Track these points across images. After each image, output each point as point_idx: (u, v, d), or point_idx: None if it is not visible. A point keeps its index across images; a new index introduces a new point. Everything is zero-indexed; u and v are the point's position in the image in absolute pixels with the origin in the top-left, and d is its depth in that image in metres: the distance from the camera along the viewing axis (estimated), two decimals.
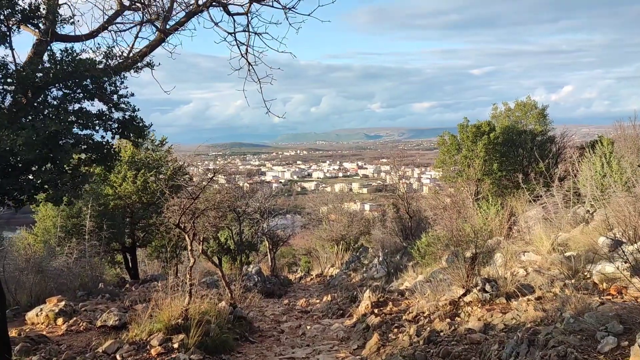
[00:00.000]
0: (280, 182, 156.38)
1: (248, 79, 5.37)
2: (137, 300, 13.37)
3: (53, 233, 17.54)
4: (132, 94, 5.84)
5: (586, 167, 15.09)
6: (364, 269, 22.77)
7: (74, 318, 9.27)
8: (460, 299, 8.78)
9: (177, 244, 23.39)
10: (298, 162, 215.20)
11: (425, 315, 8.80)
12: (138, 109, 5.88)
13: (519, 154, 19.55)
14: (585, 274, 9.48)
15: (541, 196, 14.80)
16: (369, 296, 11.18)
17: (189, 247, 7.84)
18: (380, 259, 20.68)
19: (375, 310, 10.22)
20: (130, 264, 21.19)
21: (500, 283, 8.78)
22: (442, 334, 7.13)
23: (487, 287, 8.73)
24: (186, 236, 7.81)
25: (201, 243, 8.58)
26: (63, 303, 9.56)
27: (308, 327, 10.12)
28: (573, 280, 8.97)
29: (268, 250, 25.48)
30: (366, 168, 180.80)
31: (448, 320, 8.18)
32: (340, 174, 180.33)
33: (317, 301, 15.28)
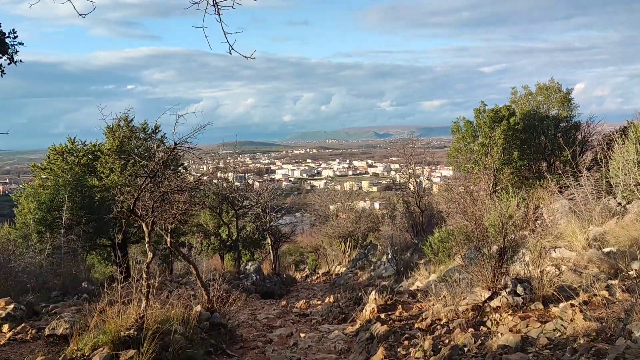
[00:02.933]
0: (290, 180, 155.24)
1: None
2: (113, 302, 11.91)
3: (33, 227, 16.15)
4: None
5: (618, 155, 13.40)
6: (372, 267, 21.22)
7: (23, 324, 7.77)
8: (486, 304, 7.18)
9: (174, 238, 21.96)
10: (307, 160, 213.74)
11: (442, 323, 7.20)
12: None
13: (541, 141, 17.83)
14: (631, 272, 7.90)
15: (568, 187, 13.21)
16: (375, 298, 9.61)
17: (147, 239, 6.31)
18: (389, 256, 19.10)
19: (382, 316, 8.64)
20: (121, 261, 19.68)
21: (534, 284, 7.18)
22: (466, 350, 5.53)
23: (519, 289, 7.12)
24: (143, 225, 6.27)
25: (169, 235, 7.06)
26: (12, 306, 8.10)
27: (302, 336, 8.56)
28: (617, 281, 7.38)
29: (270, 247, 23.99)
30: (376, 166, 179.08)
31: (472, 330, 6.59)
32: (350, 173, 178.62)
33: (319, 303, 13.74)
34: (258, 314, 11.66)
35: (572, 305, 6.61)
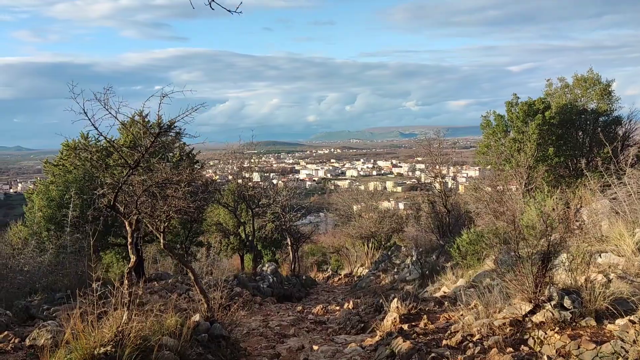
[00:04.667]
0: (314, 180, 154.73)
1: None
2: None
3: (43, 225, 15.61)
4: None
5: None
6: (395, 270, 20.19)
7: (5, 333, 7.03)
8: (527, 318, 6.16)
9: (188, 238, 21.30)
10: (332, 160, 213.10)
11: (474, 339, 6.19)
12: None
13: (579, 137, 16.55)
14: None
15: (609, 186, 12.02)
16: (397, 307, 8.63)
17: (129, 239, 5.47)
18: (414, 258, 18.07)
19: (405, 327, 7.66)
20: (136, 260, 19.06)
21: (584, 296, 6.12)
22: None
23: (567, 302, 6.08)
24: (126, 224, 5.44)
25: (162, 234, 6.22)
26: None
27: (315, 349, 7.64)
28: None
29: (290, 247, 23.14)
30: (400, 166, 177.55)
31: (511, 351, 5.58)
32: (374, 173, 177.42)
33: (337, 308, 12.80)
34: (271, 321, 10.80)
35: (633, 322, 5.56)
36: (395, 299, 8.84)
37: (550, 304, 6.13)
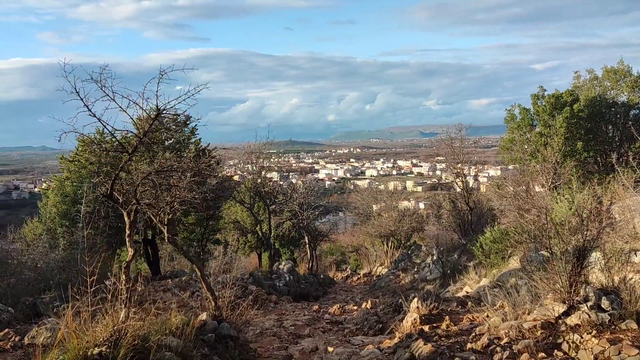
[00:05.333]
0: (333, 179, 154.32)
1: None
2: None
3: (57, 222, 15.46)
4: None
5: None
6: (415, 269, 19.64)
7: (6, 330, 6.74)
8: (561, 320, 5.63)
9: (204, 236, 21.03)
10: (351, 160, 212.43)
11: (502, 343, 5.68)
12: None
13: (609, 130, 15.81)
14: None
15: None
16: (418, 307, 8.14)
17: (127, 231, 5.10)
18: (434, 257, 17.50)
19: (426, 328, 7.18)
20: (152, 258, 18.89)
21: (624, 297, 5.58)
22: None
23: (604, 303, 5.54)
24: (125, 215, 5.06)
25: (165, 227, 5.84)
26: None
27: (330, 350, 7.20)
28: None
29: (307, 245, 22.74)
30: (421, 166, 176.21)
31: (543, 355, 5.07)
32: (394, 172, 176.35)
33: (355, 308, 12.33)
34: (285, 320, 10.38)
35: None
36: (416, 299, 8.35)
37: (587, 305, 5.60)
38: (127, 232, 5.12)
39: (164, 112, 4.67)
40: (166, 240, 5.98)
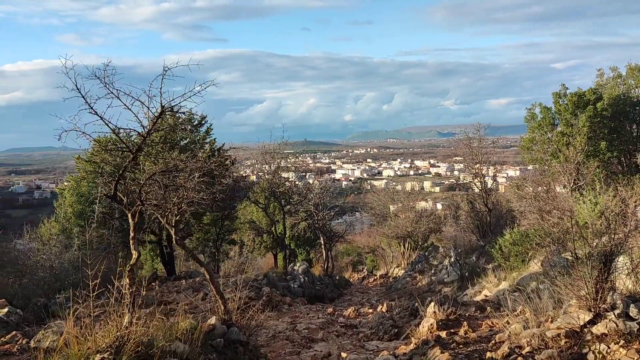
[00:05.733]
0: (350, 180, 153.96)
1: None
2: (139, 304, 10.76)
3: (72, 221, 15.47)
4: None
5: None
6: (432, 271, 19.31)
7: (13, 333, 6.63)
8: (586, 329, 5.34)
9: (220, 236, 20.94)
10: (368, 160, 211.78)
11: (524, 352, 5.40)
12: None
13: (633, 130, 15.31)
14: None
15: None
16: (435, 312, 7.88)
17: (131, 233, 4.93)
18: (452, 259, 17.15)
19: (443, 335, 6.91)
20: (167, 258, 18.86)
21: None
22: None
23: (633, 311, 5.24)
24: (129, 216, 4.90)
25: (173, 228, 5.67)
26: (5, 310, 6.99)
27: (343, 356, 6.97)
28: None
29: (323, 246, 22.52)
30: (438, 166, 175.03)
31: None
32: (412, 172, 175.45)
33: (370, 311, 12.10)
34: (299, 323, 10.19)
35: None
36: (432, 303, 8.09)
37: (614, 313, 5.31)
38: (132, 234, 4.95)
39: (168, 110, 4.50)
40: (174, 242, 5.81)
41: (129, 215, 4.94)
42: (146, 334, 4.58)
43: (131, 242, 5.04)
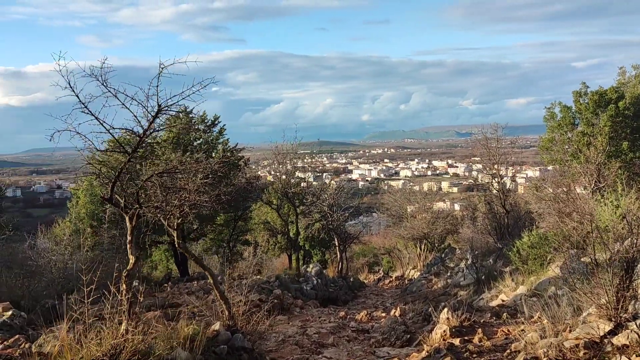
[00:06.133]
0: (367, 180, 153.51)
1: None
2: (149, 306, 10.68)
3: (86, 222, 15.48)
4: None
5: None
6: (448, 274, 18.96)
7: (16, 336, 6.53)
8: (606, 339, 5.05)
9: (233, 236, 20.86)
10: (385, 160, 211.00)
11: None
12: None
13: None
14: None
15: None
16: (448, 318, 7.61)
17: (128, 237, 4.78)
18: (469, 262, 16.80)
19: (456, 342, 6.66)
20: (180, 258, 18.83)
21: None
22: None
23: None
24: (127, 219, 4.75)
25: (175, 230, 5.51)
26: (9, 313, 6.89)
27: None
28: None
29: (337, 248, 22.29)
30: (457, 166, 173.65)
31: None
32: (429, 173, 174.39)
33: (383, 315, 11.84)
34: (309, 327, 9.98)
35: None
36: (446, 309, 7.83)
37: (636, 324, 5.01)
38: (128, 237, 4.80)
39: (166, 109, 4.34)
40: (176, 245, 5.65)
41: (127, 218, 4.79)
42: (144, 341, 4.41)
43: (128, 246, 4.89)
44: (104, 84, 4.22)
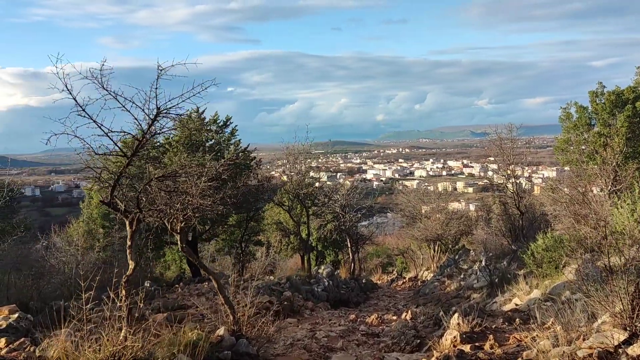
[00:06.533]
0: (381, 180, 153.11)
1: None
2: (159, 308, 10.67)
3: (99, 223, 15.58)
4: None
5: None
6: (462, 276, 18.73)
7: (22, 339, 6.52)
8: (620, 349, 4.88)
9: (245, 237, 20.81)
10: (400, 160, 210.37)
11: None
12: None
13: None
14: None
15: None
16: (459, 323, 7.47)
17: (128, 242, 4.72)
18: (482, 264, 16.56)
19: (467, 349, 6.52)
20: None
21: None
22: None
23: None
24: (127, 223, 4.69)
25: (178, 234, 5.45)
26: (16, 316, 6.89)
27: None
28: None
29: (349, 249, 22.17)
30: (472, 167, 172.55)
31: None
32: (444, 173, 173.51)
33: (394, 318, 11.70)
34: (319, 331, 9.88)
35: None
36: (456, 314, 7.68)
37: None
38: (128, 242, 4.74)
39: (165, 112, 4.27)
40: (180, 249, 5.59)
41: (127, 222, 4.73)
42: (143, 348, 4.34)
43: (128, 251, 4.83)
44: (103, 86, 4.17)
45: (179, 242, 5.53)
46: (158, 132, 4.49)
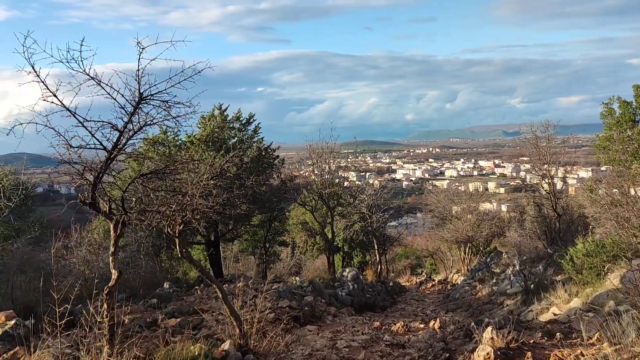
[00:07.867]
0: (411, 180, 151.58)
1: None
2: (173, 312, 10.24)
3: None
4: None
5: None
6: (494, 280, 17.87)
7: (16, 349, 6.10)
8: None
9: (269, 237, 20.32)
10: (430, 160, 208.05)
11: None
12: None
13: None
14: None
15: None
16: (492, 338, 6.75)
17: (112, 248, 4.19)
18: (516, 268, 15.68)
19: None
20: (214, 259, 18.46)
21: None
22: None
23: None
24: (111, 226, 4.18)
25: (177, 238, 4.92)
26: (12, 322, 6.48)
27: None
28: None
29: (376, 251, 21.48)
30: (504, 167, 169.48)
31: None
32: (475, 173, 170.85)
33: (421, 326, 10.99)
34: (340, 340, 9.26)
35: None
36: (490, 328, 6.96)
37: None
38: (111, 249, 4.23)
39: (150, 97, 3.73)
40: (179, 254, 5.06)
41: (111, 225, 4.22)
42: None
43: (110, 259, 4.31)
44: (85, 71, 3.66)
45: (178, 247, 5.01)
46: (149, 123, 3.96)
